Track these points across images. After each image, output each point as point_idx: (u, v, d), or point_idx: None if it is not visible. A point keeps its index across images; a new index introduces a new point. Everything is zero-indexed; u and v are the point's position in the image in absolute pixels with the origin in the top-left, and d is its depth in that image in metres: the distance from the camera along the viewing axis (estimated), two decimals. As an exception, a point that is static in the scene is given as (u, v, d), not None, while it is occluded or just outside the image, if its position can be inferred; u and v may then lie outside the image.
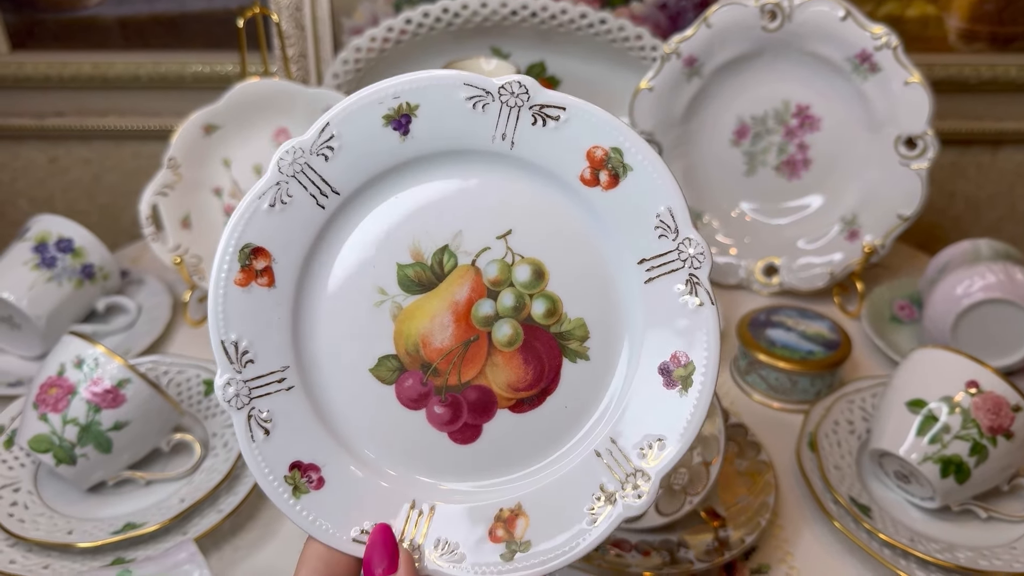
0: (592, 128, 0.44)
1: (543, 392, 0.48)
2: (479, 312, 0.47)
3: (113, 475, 0.68)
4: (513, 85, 0.44)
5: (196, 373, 0.78)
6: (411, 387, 0.48)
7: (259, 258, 0.45)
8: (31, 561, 0.62)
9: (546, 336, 0.48)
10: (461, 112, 0.44)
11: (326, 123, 0.44)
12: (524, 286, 0.47)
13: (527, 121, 0.45)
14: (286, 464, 0.46)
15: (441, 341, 0.48)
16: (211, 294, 0.45)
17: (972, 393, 0.64)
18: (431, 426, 0.48)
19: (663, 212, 0.45)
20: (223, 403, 0.45)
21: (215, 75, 1.11)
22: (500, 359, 0.48)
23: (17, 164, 1.23)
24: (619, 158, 0.45)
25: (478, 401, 0.48)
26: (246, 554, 0.65)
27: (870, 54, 0.85)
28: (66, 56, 1.13)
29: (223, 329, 0.45)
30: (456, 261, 0.47)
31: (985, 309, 0.78)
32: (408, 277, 0.47)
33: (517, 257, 0.47)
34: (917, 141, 0.86)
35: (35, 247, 0.85)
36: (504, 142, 0.45)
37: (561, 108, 0.44)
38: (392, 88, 0.44)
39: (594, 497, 0.46)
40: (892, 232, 0.89)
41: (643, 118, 0.92)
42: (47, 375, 0.67)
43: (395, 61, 0.97)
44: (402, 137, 0.45)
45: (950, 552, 0.62)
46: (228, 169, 0.91)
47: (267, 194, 0.45)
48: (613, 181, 0.45)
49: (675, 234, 0.45)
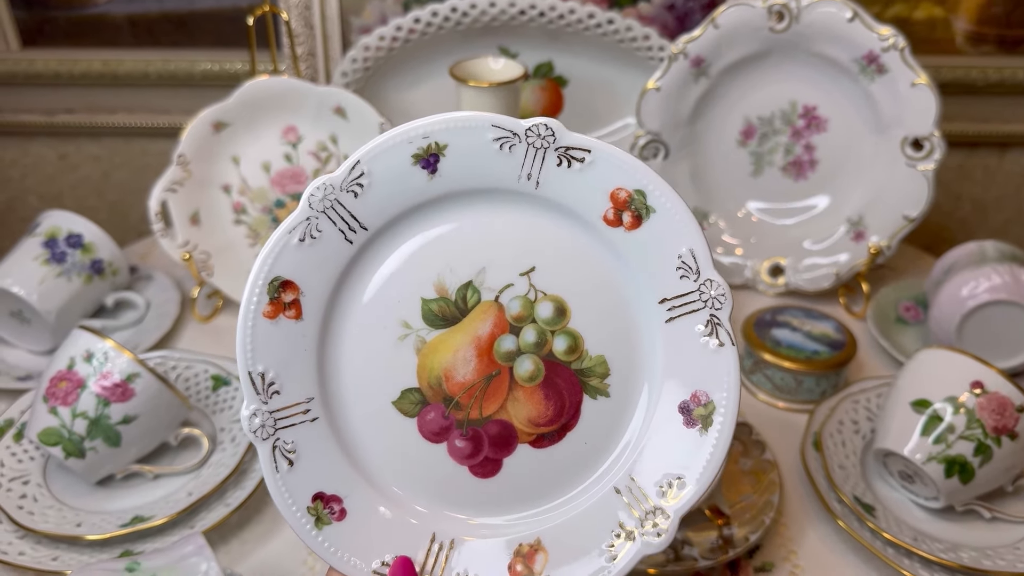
0: (616, 170, 0.45)
1: (563, 428, 0.49)
2: (501, 347, 0.48)
3: (121, 468, 0.69)
4: (540, 127, 0.45)
5: (204, 368, 0.78)
6: (433, 420, 0.49)
7: (288, 291, 0.46)
8: (40, 553, 0.62)
9: (567, 372, 0.48)
10: (488, 152, 0.45)
11: (356, 160, 0.45)
12: (546, 322, 0.48)
13: (552, 162, 0.45)
14: (309, 495, 0.47)
15: (463, 375, 0.48)
16: (240, 326, 0.46)
17: (977, 393, 0.64)
18: (452, 459, 0.49)
19: (685, 253, 0.46)
20: (248, 434, 0.46)
21: (224, 73, 1.12)
22: (521, 394, 0.48)
23: (27, 160, 1.24)
24: (642, 200, 0.45)
25: (499, 435, 0.49)
26: (253, 548, 0.65)
27: (877, 55, 0.85)
28: (76, 53, 1.14)
29: (251, 360, 0.46)
30: (480, 297, 0.48)
31: (990, 310, 0.78)
32: (432, 312, 0.48)
33: (540, 294, 0.48)
34: (924, 142, 0.86)
35: (45, 242, 0.86)
36: (529, 182, 0.46)
37: (586, 151, 0.45)
38: (422, 128, 0.45)
39: (613, 534, 0.46)
40: (898, 233, 0.89)
41: (650, 118, 0.92)
42: (57, 369, 0.67)
43: (403, 60, 0.98)
44: (430, 176, 0.46)
45: (954, 552, 0.62)
46: (237, 166, 0.91)
47: (297, 228, 0.45)
48: (636, 222, 0.46)
49: (696, 275, 0.46)
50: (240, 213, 0.92)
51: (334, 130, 0.91)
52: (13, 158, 1.24)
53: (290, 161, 0.92)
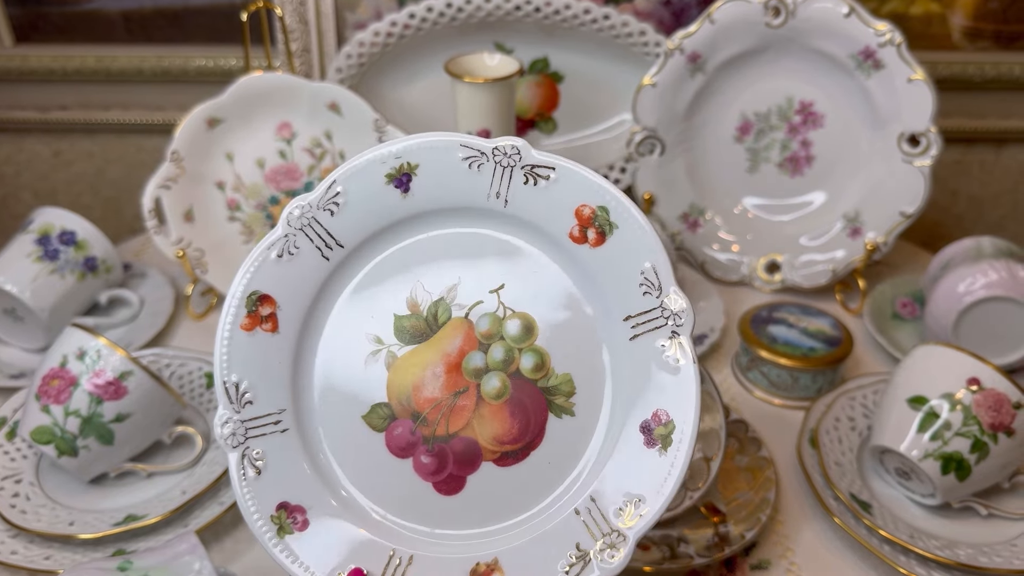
0: (579, 187, 0.46)
1: (527, 446, 0.49)
2: (470, 364, 0.49)
3: (115, 467, 0.69)
4: (506, 147, 0.46)
5: (198, 366, 0.78)
6: (400, 435, 0.49)
7: (265, 305, 0.47)
8: (32, 552, 0.62)
9: (533, 390, 0.49)
10: (458, 171, 0.47)
11: (333, 180, 0.47)
12: (514, 340, 0.49)
13: (519, 180, 0.47)
14: (273, 504, 0.48)
15: (432, 391, 0.49)
16: (218, 336, 0.47)
17: (973, 390, 0.64)
18: (417, 475, 0.49)
19: (647, 269, 0.46)
20: (220, 441, 0.47)
21: (218, 69, 1.11)
22: (487, 411, 0.49)
23: (21, 157, 1.24)
24: (605, 216, 0.46)
25: (463, 452, 0.49)
26: (247, 547, 0.65)
27: (874, 51, 0.85)
28: (70, 49, 1.13)
29: (226, 370, 0.47)
30: (450, 314, 0.49)
31: (987, 306, 0.78)
32: (404, 328, 0.49)
33: (508, 311, 0.49)
34: (920, 138, 0.86)
35: (38, 239, 0.85)
36: (498, 200, 0.47)
37: (551, 168, 0.46)
38: (394, 149, 0.47)
39: (570, 556, 0.47)
40: (894, 229, 0.89)
41: (646, 114, 0.92)
42: (49, 367, 0.67)
43: (398, 56, 0.97)
44: (403, 194, 0.47)
45: (950, 549, 0.62)
46: (231, 163, 0.91)
47: (276, 245, 0.47)
48: (600, 238, 0.47)
49: (658, 291, 0.46)
50: (234, 210, 0.92)
51: (329, 126, 0.90)
52: (7, 154, 1.23)
53: (284, 157, 0.91)
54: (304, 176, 0.92)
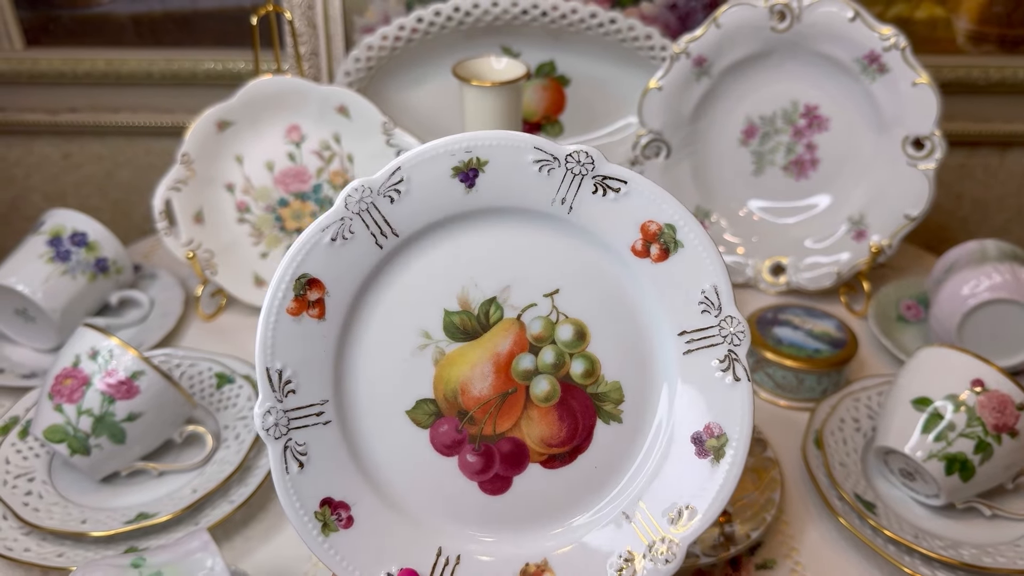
0: (649, 203, 0.46)
1: (575, 450, 0.49)
2: (519, 366, 0.49)
3: (126, 466, 0.69)
4: (580, 154, 0.46)
5: (208, 367, 0.79)
6: (446, 433, 0.49)
7: (314, 289, 0.46)
8: (45, 549, 0.63)
9: (582, 395, 0.49)
10: (527, 173, 0.46)
11: (397, 167, 0.46)
12: (566, 345, 0.49)
13: (588, 189, 0.47)
14: (317, 500, 0.47)
15: (480, 390, 0.49)
16: (262, 320, 0.46)
17: (977, 392, 0.64)
18: (462, 474, 0.49)
19: (708, 289, 0.47)
20: (261, 431, 0.45)
21: (227, 72, 1.12)
22: (536, 413, 0.49)
23: (31, 160, 1.24)
24: (672, 234, 0.46)
25: (511, 453, 0.49)
26: (257, 544, 0.65)
27: (879, 55, 0.86)
28: (80, 52, 1.14)
29: (270, 356, 0.46)
30: (502, 314, 0.48)
31: (991, 309, 0.78)
32: (454, 324, 0.48)
33: (562, 316, 0.48)
34: (925, 142, 0.86)
35: (50, 241, 0.86)
36: (563, 206, 0.47)
37: (623, 181, 0.46)
38: (465, 142, 0.46)
39: (621, 559, 0.47)
40: (899, 232, 0.89)
41: (652, 117, 0.92)
42: (62, 366, 0.67)
43: (406, 59, 0.98)
44: (467, 189, 0.47)
45: (954, 549, 0.62)
46: (240, 165, 0.91)
47: (331, 227, 0.46)
48: (663, 255, 0.47)
49: (718, 311, 0.47)
50: (244, 212, 0.92)
51: (337, 129, 0.91)
52: (17, 157, 1.24)
53: (293, 160, 0.92)
54: (313, 178, 0.92)
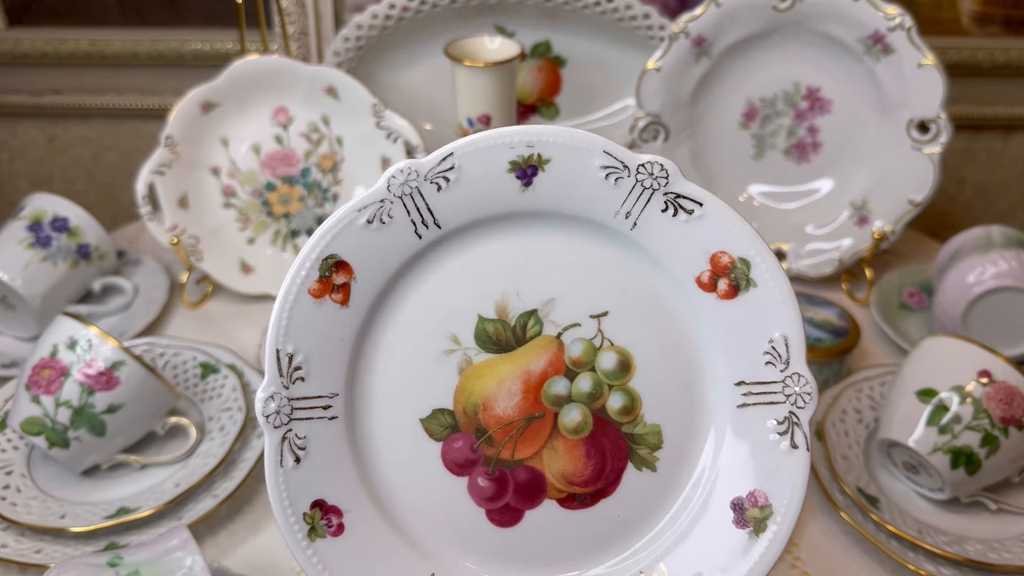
0: (725, 232, 0.42)
1: (598, 493, 0.45)
2: (551, 389, 0.45)
3: (107, 459, 0.67)
4: (654, 166, 0.42)
5: (192, 356, 0.77)
6: (459, 450, 0.45)
7: (340, 272, 0.43)
8: (23, 545, 0.61)
9: (616, 434, 0.45)
10: (592, 179, 0.42)
11: (450, 152, 0.42)
12: (606, 375, 0.44)
13: (658, 206, 0.42)
14: (309, 500, 0.43)
15: (504, 409, 0.45)
16: (280, 298, 0.42)
17: (984, 383, 0.63)
18: (470, 498, 0.45)
19: (777, 339, 0.42)
20: (260, 417, 0.42)
21: (214, 53, 1.09)
22: (561, 445, 0.45)
23: (15, 143, 1.22)
24: (745, 270, 0.42)
25: (527, 484, 0.45)
26: (242, 540, 0.64)
27: (883, 35, 0.83)
28: (63, 33, 1.11)
29: (283, 338, 0.42)
30: (541, 329, 0.44)
31: (997, 297, 0.77)
32: (486, 332, 0.44)
33: (607, 342, 0.44)
34: (930, 125, 0.84)
35: (29, 226, 0.84)
36: (627, 221, 0.43)
37: (698, 203, 0.42)
38: (528, 136, 0.42)
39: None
40: (903, 218, 0.87)
41: (650, 99, 0.90)
42: (40, 356, 0.66)
43: (397, 39, 0.95)
44: (523, 187, 0.43)
45: (959, 544, 0.61)
46: (226, 148, 0.89)
47: (368, 208, 0.42)
48: (732, 292, 0.43)
49: (785, 365, 0.43)
50: (230, 196, 0.90)
51: (326, 111, 0.89)
52: (1, 140, 1.22)
53: (281, 143, 0.89)
54: (301, 162, 0.90)
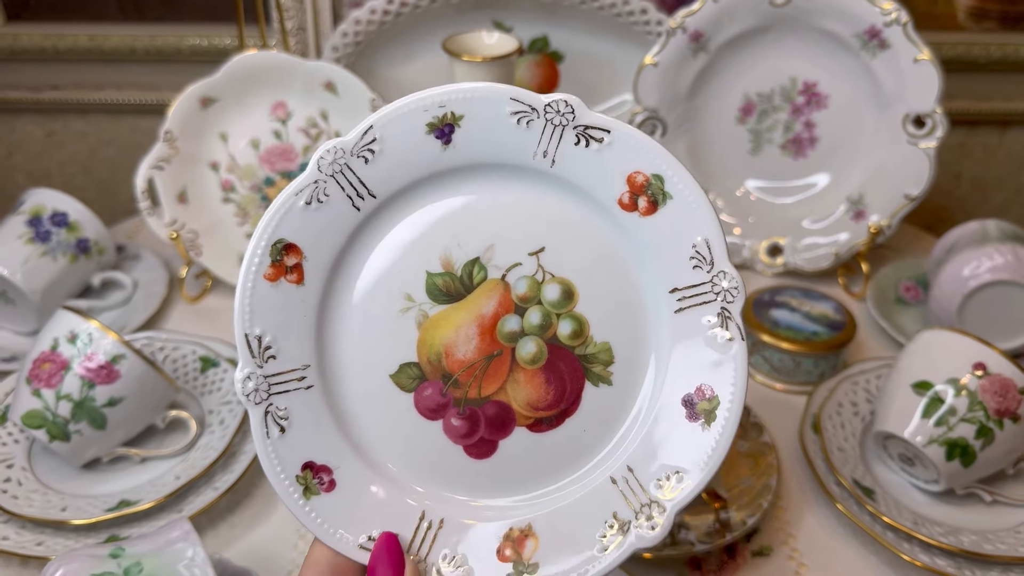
0: (635, 153, 0.44)
1: (562, 413, 0.48)
2: (504, 327, 0.47)
3: (107, 452, 0.68)
4: (559, 104, 0.44)
5: (192, 350, 0.77)
6: (430, 397, 0.48)
7: (290, 254, 0.45)
8: (24, 538, 0.61)
9: (570, 357, 0.47)
10: (505, 126, 0.44)
11: (369, 126, 0.44)
12: (552, 305, 0.47)
13: (570, 141, 0.44)
14: (299, 463, 0.46)
15: (464, 353, 0.47)
16: (239, 286, 0.45)
17: (979, 375, 0.63)
18: (447, 438, 0.48)
19: (699, 243, 0.44)
20: (241, 397, 0.45)
21: (212, 48, 1.09)
22: (522, 376, 0.47)
23: (13, 138, 1.22)
24: (659, 185, 0.44)
25: (496, 417, 0.48)
26: (242, 532, 0.64)
27: (879, 30, 0.84)
28: (62, 28, 1.11)
29: (248, 322, 0.45)
30: (486, 274, 0.47)
31: (993, 291, 0.77)
32: (436, 286, 0.47)
33: (548, 275, 0.47)
34: (926, 119, 0.85)
35: (29, 221, 0.84)
36: (545, 160, 0.45)
37: (605, 131, 0.44)
38: (438, 96, 0.44)
39: (607, 524, 0.45)
40: (898, 212, 0.88)
41: (647, 94, 0.90)
42: (40, 350, 0.66)
43: (396, 34, 0.95)
44: (444, 146, 0.45)
45: (954, 536, 0.61)
46: (225, 143, 0.89)
47: (304, 191, 0.44)
48: (651, 208, 0.45)
49: (710, 266, 0.44)
50: (229, 191, 0.90)
51: (324, 106, 0.89)
52: (-1, 135, 1.22)
53: (279, 138, 0.90)
54: (299, 157, 0.90)
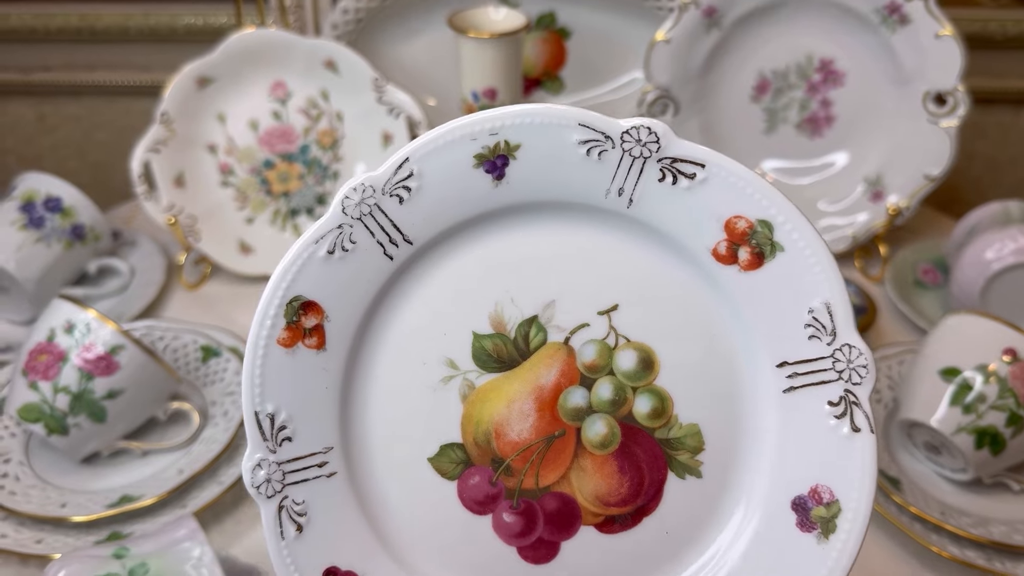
0: (736, 193, 0.37)
1: (640, 511, 0.41)
2: (568, 402, 0.41)
3: (108, 445, 0.66)
4: (640, 131, 0.37)
5: (193, 339, 0.75)
6: (477, 486, 0.41)
7: (309, 314, 0.39)
8: (23, 535, 0.60)
9: (649, 441, 0.40)
10: (571, 158, 0.38)
11: (405, 158, 0.38)
12: (627, 376, 0.40)
13: (653, 176, 0.38)
14: (319, 570, 0.40)
15: (519, 433, 0.41)
16: (248, 355, 0.39)
17: (1008, 361, 0.61)
18: (498, 537, 0.41)
19: (818, 308, 0.37)
20: (251, 489, 0.39)
21: (208, 27, 1.07)
22: (589, 463, 0.41)
23: (4, 121, 1.20)
24: (767, 233, 0.37)
25: (558, 512, 0.41)
26: (249, 527, 0.62)
27: (900, 5, 0.81)
28: (52, 7, 1.09)
29: (258, 398, 0.39)
30: (545, 337, 0.40)
31: (1017, 273, 0.75)
32: (485, 351, 0.40)
33: (622, 339, 0.40)
34: (947, 97, 0.83)
35: (22, 206, 0.81)
36: (620, 199, 0.38)
37: (699, 165, 0.37)
38: (490, 122, 0.37)
39: None
40: (918, 193, 0.86)
41: (659, 72, 0.88)
42: (36, 341, 0.64)
43: (398, 10, 0.93)
44: (495, 181, 0.38)
45: (983, 526, 0.60)
46: (223, 125, 0.87)
47: (326, 238, 0.38)
48: (756, 261, 0.38)
49: (831, 337, 0.37)
50: (227, 174, 0.88)
51: (325, 85, 0.86)
52: (-11, 118, 1.19)
53: (279, 119, 0.87)
54: (300, 138, 0.88)
